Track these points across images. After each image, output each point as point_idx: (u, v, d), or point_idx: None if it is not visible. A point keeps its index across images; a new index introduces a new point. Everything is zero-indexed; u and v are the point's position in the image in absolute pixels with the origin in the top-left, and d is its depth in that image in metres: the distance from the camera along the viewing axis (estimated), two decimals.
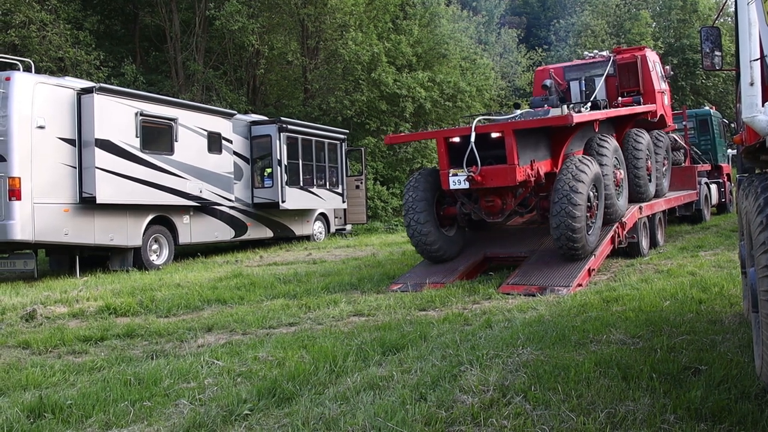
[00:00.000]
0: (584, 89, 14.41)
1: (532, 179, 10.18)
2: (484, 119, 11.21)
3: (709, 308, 7.30)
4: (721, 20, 37.13)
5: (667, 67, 16.47)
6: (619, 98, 14.26)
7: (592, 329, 6.36)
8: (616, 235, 11.16)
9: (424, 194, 10.86)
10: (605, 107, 13.39)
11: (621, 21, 45.69)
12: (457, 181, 10.12)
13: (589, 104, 13.25)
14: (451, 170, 10.22)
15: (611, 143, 11.70)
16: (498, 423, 4.10)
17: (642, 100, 14.18)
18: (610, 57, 14.84)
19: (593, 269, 10.16)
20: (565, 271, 9.78)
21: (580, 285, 9.43)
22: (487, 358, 5.49)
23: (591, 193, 10.15)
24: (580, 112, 11.90)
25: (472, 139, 9.94)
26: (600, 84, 14.26)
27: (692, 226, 18.29)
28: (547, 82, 14.26)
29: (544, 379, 4.81)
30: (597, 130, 11.73)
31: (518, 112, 12.20)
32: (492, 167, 9.95)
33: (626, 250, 12.26)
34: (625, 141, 13.24)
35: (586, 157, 10.47)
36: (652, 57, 15.26)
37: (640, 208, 12.51)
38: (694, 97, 45.38)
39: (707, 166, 20.64)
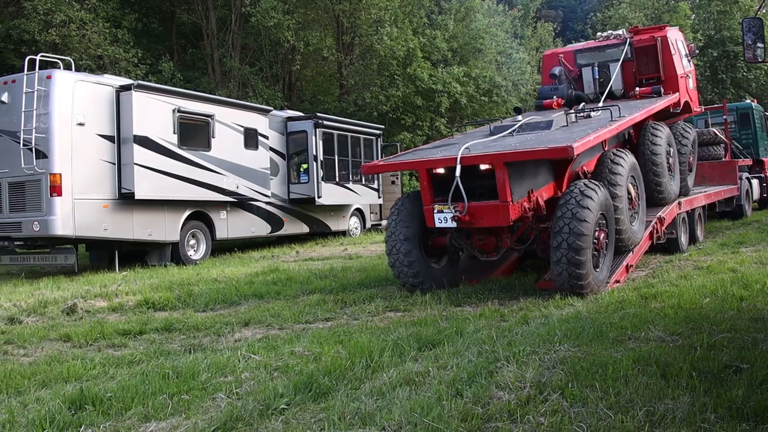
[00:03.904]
0: (598, 77, 13.28)
1: (531, 213, 8.81)
2: (470, 146, 9.19)
3: (750, 305, 7.16)
4: (764, 11, 36.42)
5: (692, 44, 15.35)
6: (637, 88, 13.02)
7: (630, 326, 6.28)
8: (655, 231, 10.95)
9: (409, 220, 9.48)
10: (622, 96, 12.79)
11: (659, 13, 45.10)
12: (443, 218, 8.77)
13: (602, 100, 12.21)
14: (436, 206, 8.85)
15: (627, 160, 10.05)
16: (535, 420, 4.07)
17: (663, 89, 12.79)
18: (626, 39, 13.41)
19: (631, 265, 9.99)
20: None
21: (617, 281, 9.29)
22: (523, 354, 5.45)
23: (599, 223, 8.71)
24: (589, 117, 10.81)
25: (458, 173, 8.48)
26: (616, 71, 13.04)
27: (733, 222, 18.01)
28: (556, 70, 13.25)
29: (582, 376, 4.77)
30: (606, 148, 10.17)
31: (520, 119, 10.80)
32: (481, 204, 8.57)
33: (665, 246, 12.06)
34: (641, 137, 11.84)
35: (592, 181, 8.91)
36: (674, 36, 13.74)
37: (679, 203, 12.27)
38: (735, 90, 44.71)
39: (748, 161, 20.32)
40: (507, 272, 10.66)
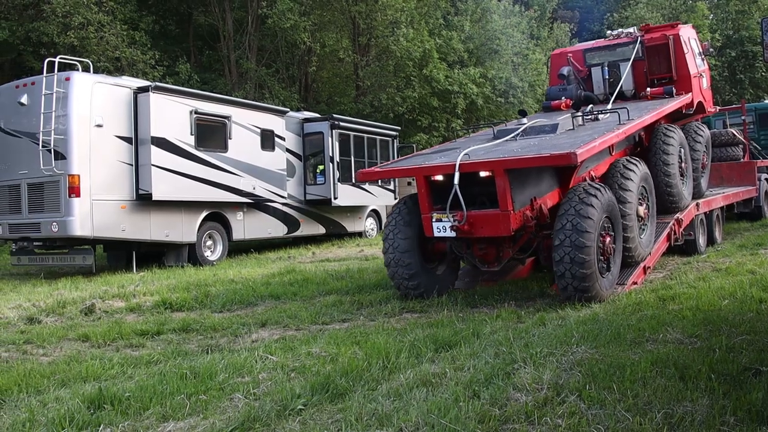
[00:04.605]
0: (608, 77, 12.85)
1: (533, 222, 8.37)
2: (470, 152, 8.80)
3: None
4: None
5: (706, 42, 14.77)
6: (648, 89, 12.54)
7: (648, 328, 6.25)
8: (672, 233, 10.87)
9: (407, 224, 9.13)
10: (633, 96, 12.57)
11: (677, 13, 44.82)
12: (442, 228, 8.44)
13: (612, 101, 11.82)
14: (435, 214, 8.53)
15: (639, 170, 9.63)
16: (552, 422, 4.06)
17: (675, 90, 12.28)
18: (637, 37, 12.93)
19: (649, 267, 9.89)
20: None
21: (635, 283, 9.21)
22: (540, 356, 5.44)
23: (604, 227, 8.29)
24: (597, 119, 10.45)
25: (456, 180, 8.10)
26: (626, 70, 12.63)
27: (751, 223, 17.84)
28: (565, 70, 12.89)
29: (599, 378, 4.75)
30: (614, 153, 10.03)
31: (525, 121, 10.36)
32: (481, 213, 8.23)
33: (683, 248, 11.98)
34: (652, 141, 11.29)
35: (593, 184, 8.48)
36: (687, 34, 13.20)
37: (698, 204, 12.16)
38: (753, 90, 44.39)
39: (767, 162, 20.11)
40: (523, 274, 10.63)
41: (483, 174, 8.26)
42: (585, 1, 56.26)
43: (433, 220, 8.53)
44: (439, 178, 8.65)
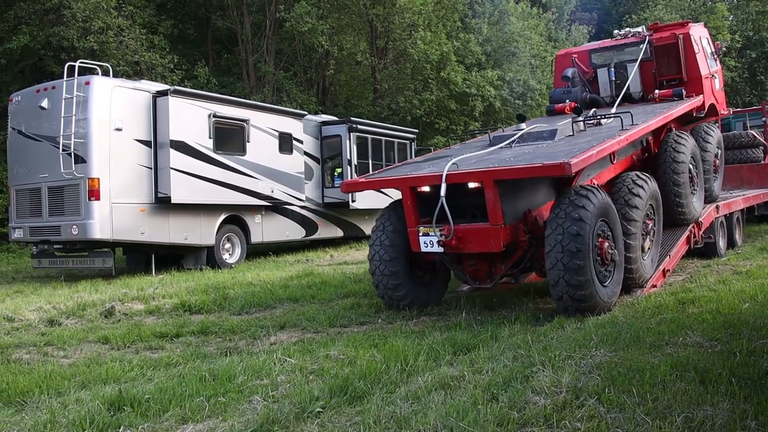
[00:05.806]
0: (614, 78, 12.41)
1: (526, 237, 7.88)
2: (460, 161, 8.34)
3: None
4: None
5: (719, 42, 14.24)
6: (656, 91, 12.06)
7: (668, 331, 6.21)
8: (692, 236, 10.78)
9: (395, 233, 8.57)
10: (641, 98, 12.26)
11: (696, 15, 44.48)
12: (429, 242, 7.91)
13: (617, 104, 11.41)
14: (421, 228, 7.99)
15: (648, 187, 8.91)
16: (571, 425, 4.04)
17: (685, 92, 11.83)
18: (645, 36, 12.49)
19: (668, 270, 9.82)
20: None
21: (654, 286, 9.13)
22: (559, 359, 5.42)
23: (600, 231, 7.66)
24: (599, 124, 9.86)
25: (442, 192, 7.61)
26: (633, 71, 12.17)
27: None
28: (569, 71, 12.51)
29: (619, 381, 4.72)
30: (615, 161, 9.44)
31: (523, 126, 9.87)
32: (470, 227, 7.72)
33: (702, 251, 11.90)
34: (662, 150, 10.64)
35: (587, 186, 7.88)
36: (698, 33, 12.74)
37: (717, 207, 12.06)
38: None
39: None
40: (542, 276, 10.56)
41: (472, 185, 7.80)
42: (603, 2, 56.03)
43: (420, 234, 8.03)
44: (426, 189, 8.14)
